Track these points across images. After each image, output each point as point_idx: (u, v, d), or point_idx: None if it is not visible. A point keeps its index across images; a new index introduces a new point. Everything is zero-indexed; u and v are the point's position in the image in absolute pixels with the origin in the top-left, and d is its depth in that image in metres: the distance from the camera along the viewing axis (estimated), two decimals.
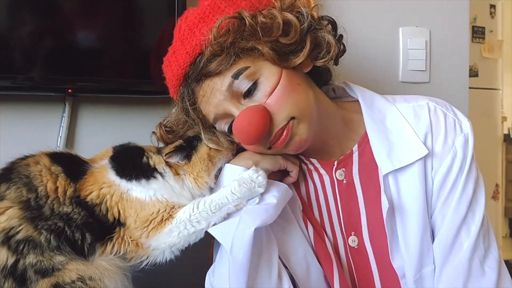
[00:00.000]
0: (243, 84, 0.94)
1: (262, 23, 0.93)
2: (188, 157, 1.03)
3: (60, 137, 1.31)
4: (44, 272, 0.91)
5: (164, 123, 1.08)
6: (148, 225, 0.97)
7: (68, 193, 0.96)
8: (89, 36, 1.27)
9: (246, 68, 0.94)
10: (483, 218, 0.99)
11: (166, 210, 0.98)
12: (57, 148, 1.30)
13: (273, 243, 0.99)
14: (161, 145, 1.09)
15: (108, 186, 0.98)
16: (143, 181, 0.99)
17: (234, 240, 0.92)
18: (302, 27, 0.95)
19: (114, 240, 0.97)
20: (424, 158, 1.00)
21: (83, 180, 0.99)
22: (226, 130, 1.01)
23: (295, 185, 1.09)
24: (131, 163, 1.01)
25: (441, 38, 1.68)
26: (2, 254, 0.91)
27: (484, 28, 3.49)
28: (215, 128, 1.03)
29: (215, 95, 0.96)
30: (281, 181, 1.05)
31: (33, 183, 0.95)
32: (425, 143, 1.00)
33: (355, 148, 1.06)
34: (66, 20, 1.25)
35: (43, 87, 1.25)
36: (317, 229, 1.07)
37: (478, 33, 3.46)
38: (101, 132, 1.35)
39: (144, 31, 1.32)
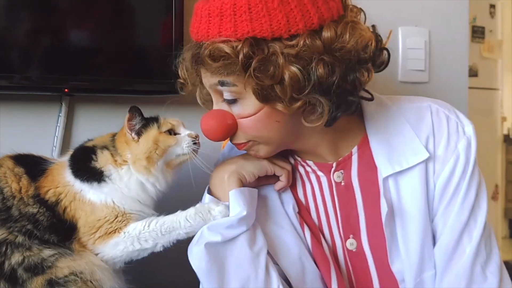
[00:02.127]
0: (226, 93, 0.93)
1: (259, 66, 0.86)
2: (139, 134, 1.02)
3: (57, 136, 1.30)
4: (34, 269, 0.92)
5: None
6: (95, 232, 0.98)
7: (29, 193, 0.97)
8: (85, 36, 1.27)
9: (233, 84, 0.91)
10: (485, 223, 0.98)
11: (111, 219, 0.98)
12: (53, 148, 1.30)
13: (260, 242, 0.98)
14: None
15: (63, 185, 0.99)
16: (95, 184, 1.00)
17: (193, 253, 0.95)
18: (300, 89, 0.86)
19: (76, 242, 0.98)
20: (426, 161, 0.98)
21: (43, 179, 1.00)
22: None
23: (292, 187, 1.08)
24: (83, 165, 1.02)
25: (440, 38, 1.68)
26: None
27: (483, 28, 3.49)
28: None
29: (206, 78, 0.95)
30: (273, 184, 1.05)
31: None
32: (426, 146, 0.98)
33: (355, 150, 1.04)
34: (63, 20, 1.26)
35: (40, 86, 1.25)
36: (314, 232, 1.06)
37: (477, 33, 3.46)
38: (98, 131, 1.33)
39: (140, 30, 1.32)
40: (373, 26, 0.96)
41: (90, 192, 0.99)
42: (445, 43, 1.69)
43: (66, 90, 1.25)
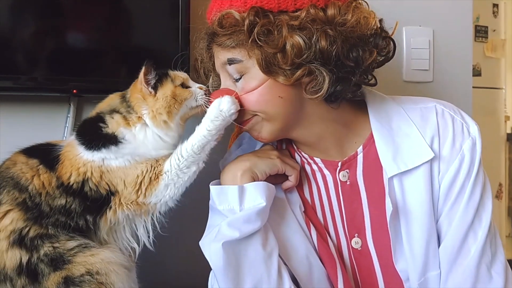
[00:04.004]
0: (234, 74, 0.98)
1: (263, 31, 0.91)
2: (155, 89, 1.02)
3: (65, 137, 1.31)
4: (56, 262, 0.93)
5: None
6: (140, 187, 0.99)
7: (53, 184, 0.98)
8: (94, 37, 1.28)
9: (239, 61, 0.95)
10: (490, 223, 0.99)
11: (148, 169, 1.00)
12: None
13: (272, 243, 0.99)
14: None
15: (83, 164, 0.99)
16: (113, 148, 1.00)
17: (211, 250, 0.95)
18: (301, 56, 0.90)
19: (113, 208, 1.00)
20: (431, 162, 0.99)
21: (60, 166, 1.00)
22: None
23: (298, 186, 1.09)
24: (95, 136, 1.02)
25: (444, 37, 1.68)
26: (15, 255, 0.93)
27: (487, 27, 3.48)
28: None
29: (217, 58, 1.00)
30: (280, 184, 1.06)
31: (21, 183, 0.97)
32: (431, 146, 0.99)
33: (360, 149, 1.05)
34: (70, 21, 1.26)
35: (47, 87, 1.25)
36: (320, 231, 1.07)
37: (481, 32, 3.45)
38: None
39: (148, 31, 1.33)
40: (380, 20, 0.99)
41: (113, 158, 1.00)
42: (449, 42, 1.69)
43: (74, 91, 1.25)
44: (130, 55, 1.30)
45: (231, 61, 0.96)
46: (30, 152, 1.02)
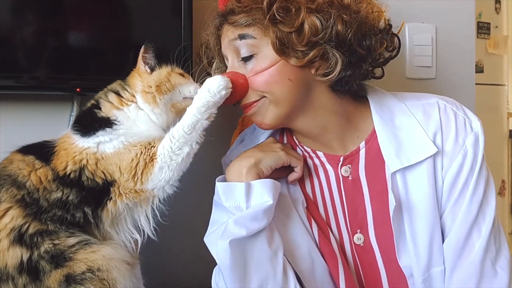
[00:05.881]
0: (243, 49, 0.99)
1: (282, 8, 0.93)
2: (152, 70, 1.06)
3: None
4: (58, 259, 0.93)
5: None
6: (135, 172, 0.99)
7: (49, 177, 0.98)
8: (96, 35, 1.28)
9: (252, 37, 0.97)
10: (494, 218, 0.99)
11: (142, 151, 1.00)
12: None
13: (277, 241, 0.99)
14: None
15: (79, 152, 1.00)
16: (108, 129, 1.01)
17: (219, 247, 0.95)
18: (317, 36, 0.93)
19: (114, 198, 0.99)
20: (434, 157, 0.99)
21: (55, 157, 1.00)
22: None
23: (300, 182, 1.09)
24: (90, 121, 1.03)
25: (447, 34, 1.68)
26: (16, 253, 0.93)
27: (489, 24, 3.47)
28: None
29: (226, 36, 1.01)
30: (286, 177, 1.06)
31: (19, 180, 0.97)
32: (434, 142, 0.99)
33: (362, 144, 1.05)
34: (72, 19, 1.26)
35: (49, 86, 1.25)
36: (322, 226, 1.07)
37: (483, 29, 3.44)
38: None
39: (151, 30, 1.33)
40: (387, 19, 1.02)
41: (107, 141, 1.00)
42: (452, 39, 1.69)
43: (77, 89, 1.25)
44: (133, 53, 1.30)
45: (242, 36, 0.97)
46: (26, 150, 1.03)
